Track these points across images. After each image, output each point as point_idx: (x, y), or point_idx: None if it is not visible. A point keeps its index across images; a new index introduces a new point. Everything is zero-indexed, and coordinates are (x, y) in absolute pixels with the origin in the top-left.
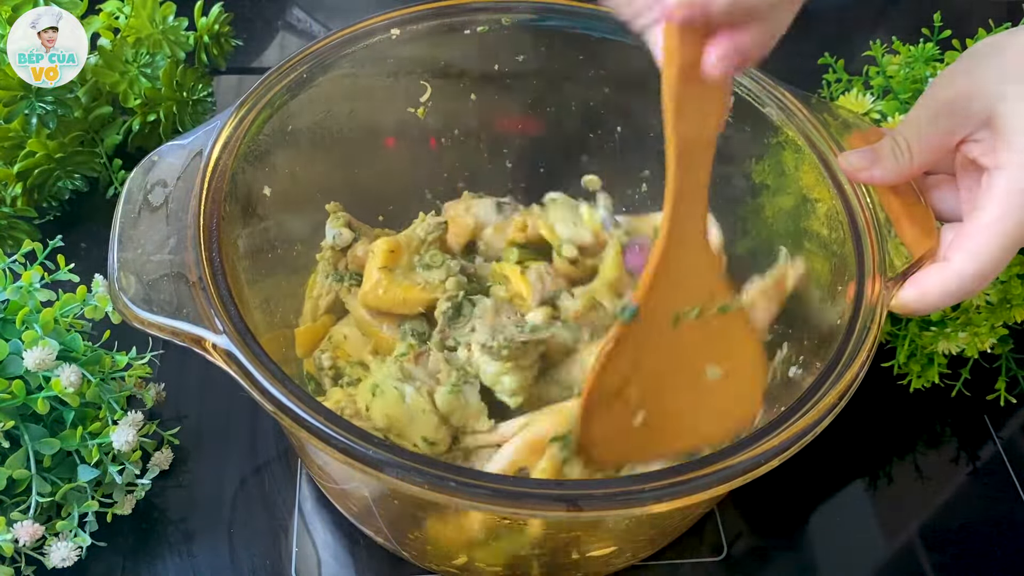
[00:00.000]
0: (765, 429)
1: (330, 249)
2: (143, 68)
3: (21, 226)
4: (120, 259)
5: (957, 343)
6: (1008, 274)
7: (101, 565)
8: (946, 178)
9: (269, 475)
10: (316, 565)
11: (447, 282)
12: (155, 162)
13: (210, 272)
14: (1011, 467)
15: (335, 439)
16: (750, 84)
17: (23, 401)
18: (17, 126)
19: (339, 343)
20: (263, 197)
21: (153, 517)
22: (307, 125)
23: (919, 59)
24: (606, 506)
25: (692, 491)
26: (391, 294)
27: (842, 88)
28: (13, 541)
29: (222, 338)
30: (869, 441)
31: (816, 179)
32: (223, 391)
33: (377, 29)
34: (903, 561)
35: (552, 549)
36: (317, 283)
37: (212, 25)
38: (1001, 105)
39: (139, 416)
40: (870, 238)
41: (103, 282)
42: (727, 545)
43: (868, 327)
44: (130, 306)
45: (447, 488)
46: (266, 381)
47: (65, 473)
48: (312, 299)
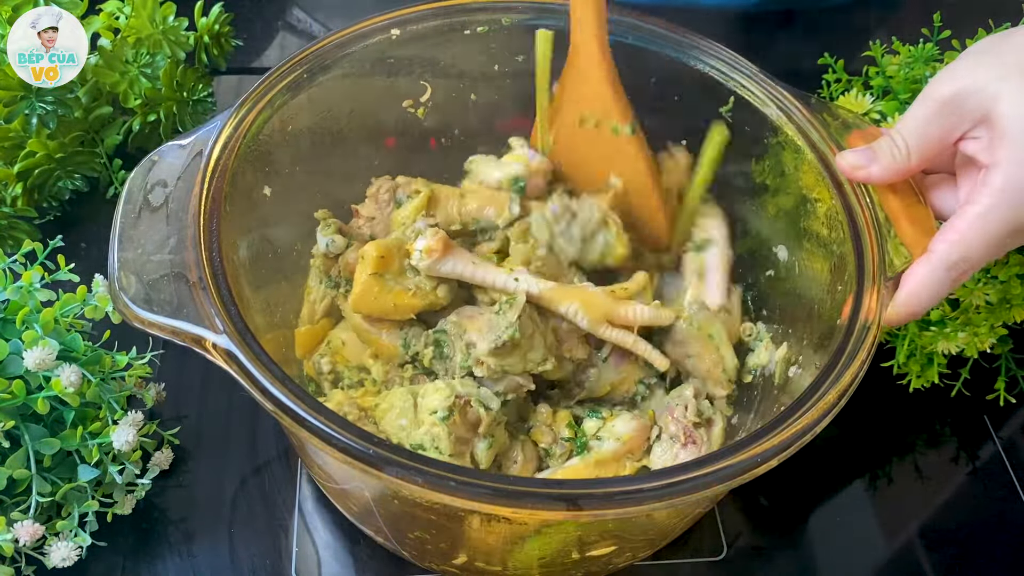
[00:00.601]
0: (765, 428)
1: (321, 256)
2: (143, 68)
3: (21, 226)
4: (120, 259)
5: (957, 343)
6: (1008, 274)
7: (101, 565)
8: (945, 177)
9: (269, 475)
10: (316, 565)
11: (438, 289)
12: (155, 162)
13: (210, 272)
14: (1011, 467)
15: (335, 439)
16: (750, 84)
17: (23, 401)
18: (17, 126)
19: (337, 348)
20: (263, 197)
21: (153, 517)
22: (307, 125)
23: (919, 59)
24: (606, 505)
25: (692, 490)
26: (382, 301)
27: (842, 88)
28: (13, 541)
29: (222, 338)
30: (869, 441)
31: (816, 179)
32: (223, 391)
33: (377, 29)
34: (903, 561)
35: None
36: (311, 288)
37: (212, 25)
38: (999, 103)
39: (139, 416)
40: (870, 238)
41: (103, 282)
42: (727, 545)
43: (868, 327)
44: (130, 306)
45: (447, 488)
46: (266, 381)
47: (65, 473)
48: (309, 303)
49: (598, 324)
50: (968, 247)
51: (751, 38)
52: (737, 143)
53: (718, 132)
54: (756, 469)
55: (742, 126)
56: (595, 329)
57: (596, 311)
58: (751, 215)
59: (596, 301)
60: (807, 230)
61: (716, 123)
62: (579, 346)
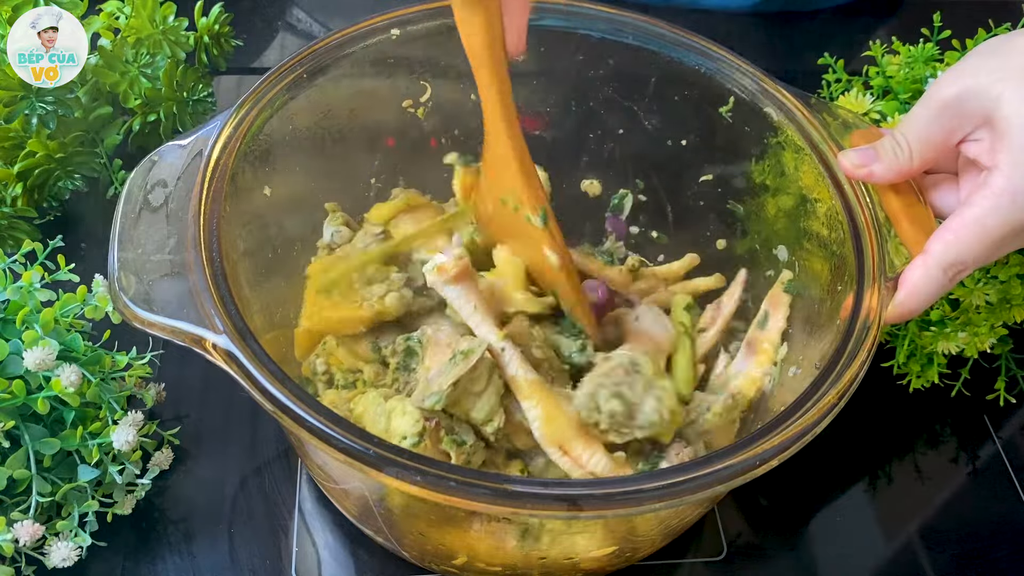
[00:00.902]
0: (765, 429)
1: (326, 247)
2: (143, 68)
3: (21, 226)
4: (120, 259)
5: (957, 343)
6: (1008, 274)
7: (101, 565)
8: (946, 177)
9: (269, 475)
10: (316, 565)
11: (386, 298)
12: (155, 162)
13: (210, 272)
14: (1011, 467)
15: (335, 439)
16: (750, 84)
17: (23, 401)
18: (17, 126)
19: (332, 350)
20: (263, 197)
21: (153, 517)
22: (307, 125)
23: (919, 59)
24: (605, 506)
25: (692, 490)
26: (327, 317)
27: (842, 88)
28: (13, 541)
29: (222, 338)
30: (869, 441)
31: (816, 179)
32: (223, 391)
33: (377, 29)
34: (903, 561)
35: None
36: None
37: (212, 25)
38: (1001, 105)
39: (139, 416)
40: (870, 238)
41: (103, 282)
42: (727, 545)
43: (868, 327)
44: (130, 306)
45: (447, 488)
46: (266, 381)
47: (65, 473)
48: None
49: (550, 443)
50: (963, 248)
51: (751, 38)
52: (737, 143)
53: (679, 302)
54: (756, 469)
55: (742, 126)
56: (545, 446)
57: (554, 431)
58: (751, 215)
59: (560, 421)
60: (807, 230)
61: (675, 297)
62: (527, 438)
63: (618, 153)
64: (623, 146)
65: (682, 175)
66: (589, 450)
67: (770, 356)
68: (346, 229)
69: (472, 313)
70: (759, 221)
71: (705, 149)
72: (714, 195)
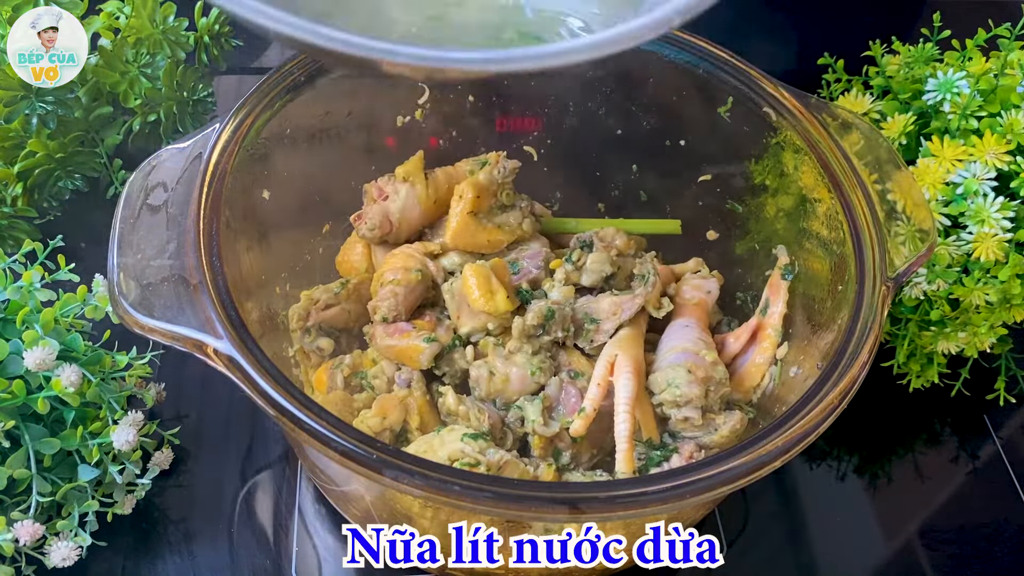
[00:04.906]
0: (767, 430)
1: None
2: (143, 68)
3: (21, 226)
4: (120, 264)
5: (957, 343)
6: (1008, 274)
7: (101, 565)
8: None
9: (269, 475)
10: (316, 565)
11: (524, 224)
12: (155, 165)
13: (210, 276)
14: (1011, 467)
15: (336, 443)
16: (749, 84)
17: (23, 401)
18: (17, 126)
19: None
20: (263, 200)
21: (153, 517)
22: (306, 127)
23: (919, 59)
24: (608, 508)
25: (695, 493)
26: (478, 237)
27: (842, 88)
28: (13, 541)
29: (223, 343)
30: (869, 441)
31: (816, 179)
32: (223, 391)
33: None
34: (903, 561)
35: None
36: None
37: (212, 25)
38: None
39: (139, 416)
40: (870, 238)
41: (103, 282)
42: (727, 545)
43: (868, 327)
44: (130, 311)
45: (451, 492)
46: (268, 386)
47: (65, 473)
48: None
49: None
50: None
51: (751, 38)
52: (737, 143)
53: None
54: (760, 470)
55: (742, 126)
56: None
57: None
58: (751, 215)
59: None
60: (807, 230)
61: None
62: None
63: (618, 153)
64: (623, 146)
65: (681, 175)
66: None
67: (773, 342)
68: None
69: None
70: (759, 221)
71: (704, 149)
72: (713, 195)
